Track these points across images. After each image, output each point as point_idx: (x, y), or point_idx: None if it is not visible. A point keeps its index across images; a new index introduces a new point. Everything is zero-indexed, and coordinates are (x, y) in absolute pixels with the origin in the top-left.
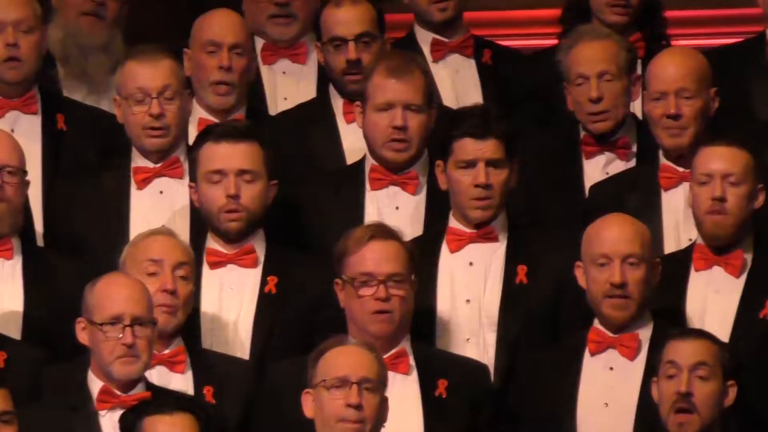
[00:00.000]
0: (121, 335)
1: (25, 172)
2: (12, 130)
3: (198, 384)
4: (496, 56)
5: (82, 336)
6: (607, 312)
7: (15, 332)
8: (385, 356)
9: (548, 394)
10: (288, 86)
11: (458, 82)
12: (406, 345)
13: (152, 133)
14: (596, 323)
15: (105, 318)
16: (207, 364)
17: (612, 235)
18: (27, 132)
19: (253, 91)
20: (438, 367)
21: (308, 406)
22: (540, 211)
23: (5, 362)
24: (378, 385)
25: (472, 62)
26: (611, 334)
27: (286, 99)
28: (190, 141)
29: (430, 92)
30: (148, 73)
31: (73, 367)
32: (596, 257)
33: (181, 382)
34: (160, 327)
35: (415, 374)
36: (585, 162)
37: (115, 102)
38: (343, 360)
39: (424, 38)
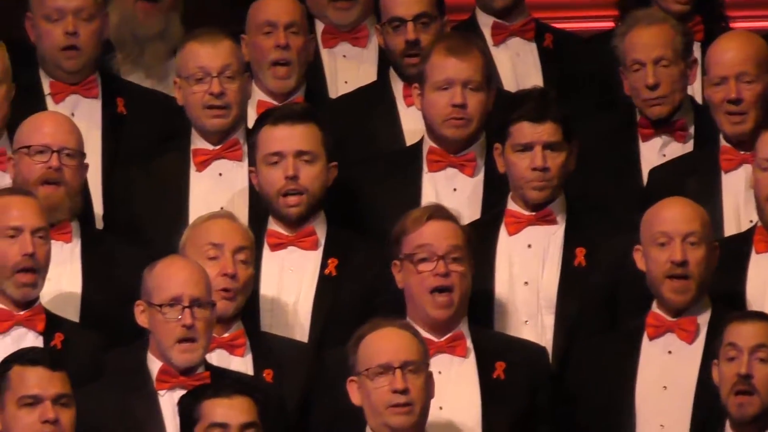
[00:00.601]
0: (180, 316)
1: (83, 155)
2: (72, 114)
3: (258, 367)
4: (557, 40)
5: (141, 318)
6: (667, 296)
7: (73, 315)
8: (442, 339)
9: (607, 378)
10: (348, 70)
11: (518, 66)
12: (463, 328)
13: (212, 112)
14: (655, 307)
15: (164, 300)
16: (267, 348)
17: (672, 214)
18: (87, 116)
19: (313, 75)
20: (496, 349)
21: (355, 394)
22: (598, 194)
23: (63, 344)
24: (420, 365)
25: (533, 46)
26: (670, 318)
27: (346, 83)
28: (250, 124)
29: (489, 72)
30: (209, 53)
31: (133, 349)
32: (657, 236)
33: (241, 365)
34: (220, 311)
35: (472, 357)
36: (642, 145)
37: (175, 84)
38: (382, 345)
39: (485, 22)
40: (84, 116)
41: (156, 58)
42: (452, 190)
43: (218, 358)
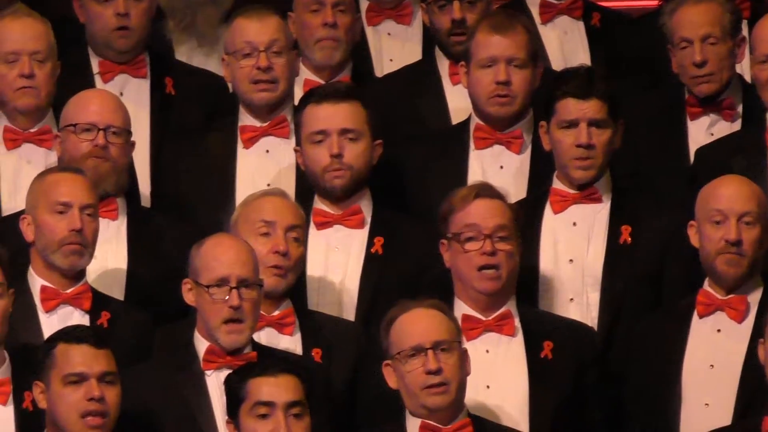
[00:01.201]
0: (227, 297)
1: (129, 133)
2: (121, 94)
3: (306, 346)
4: (605, 19)
5: (189, 297)
6: (720, 268)
7: (118, 293)
8: (490, 317)
9: (654, 356)
10: (393, 47)
11: (566, 44)
12: (511, 306)
13: (259, 86)
14: (706, 285)
15: (211, 280)
16: (316, 327)
17: (729, 192)
18: (135, 95)
19: (358, 53)
20: (544, 328)
21: (390, 378)
22: (644, 172)
23: (109, 323)
24: (452, 344)
25: (581, 24)
26: (720, 297)
27: (391, 60)
28: (296, 101)
29: (534, 49)
30: (256, 28)
31: (180, 327)
32: (712, 214)
33: (290, 344)
34: (270, 289)
35: (520, 336)
36: (689, 123)
37: (223, 62)
38: (412, 327)
39: (533, 0)
40: (132, 96)
41: (208, 24)
42: (499, 167)
43: (267, 336)
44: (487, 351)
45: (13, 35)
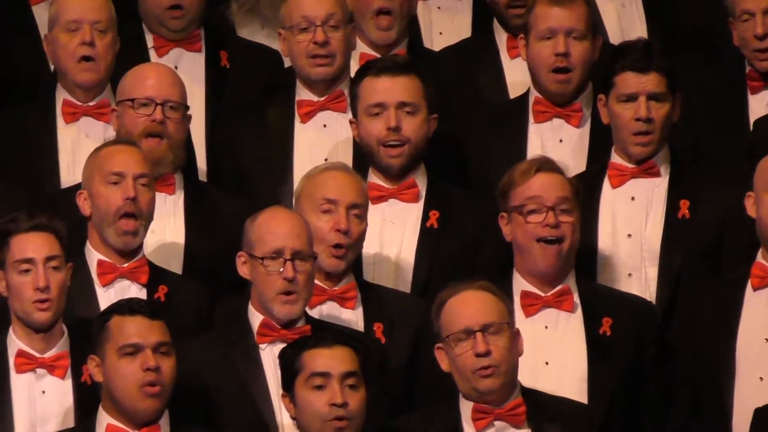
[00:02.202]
0: (281, 269)
1: (186, 107)
2: (175, 68)
3: (368, 320)
4: None
5: (243, 270)
6: None
7: (176, 267)
8: (549, 293)
9: (708, 329)
10: (443, 21)
11: (624, 17)
12: (570, 282)
13: (316, 61)
14: (759, 257)
15: (266, 252)
16: (378, 301)
17: None
18: (190, 69)
19: (410, 27)
20: (603, 304)
21: (443, 361)
22: (704, 146)
23: (166, 297)
24: (502, 326)
25: None
26: None
27: (441, 34)
28: (353, 75)
29: (593, 21)
30: (313, 2)
31: (235, 301)
32: None
33: (352, 317)
34: (332, 267)
35: (579, 312)
36: (750, 97)
37: (280, 36)
38: (462, 310)
39: None
40: (187, 70)
41: (271, 6)
42: (558, 141)
43: (329, 310)
44: (546, 327)
45: (74, 4)
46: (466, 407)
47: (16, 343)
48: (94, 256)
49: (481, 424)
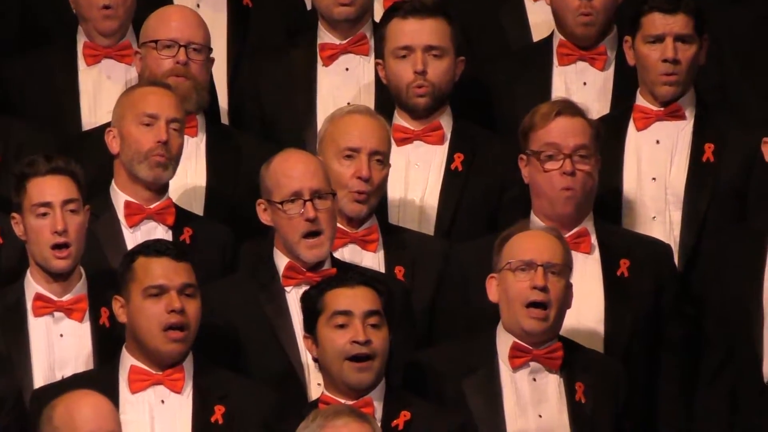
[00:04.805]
0: (302, 210)
1: (210, 50)
2: (197, 5)
3: (389, 263)
4: None
5: (264, 217)
6: None
7: (197, 209)
8: (566, 235)
9: (735, 275)
10: None
11: None
12: (588, 224)
13: (340, 0)
14: None
15: (284, 196)
16: (400, 244)
17: None
18: (212, 8)
19: None
20: (620, 246)
21: (492, 290)
22: (730, 89)
23: (191, 239)
24: (563, 269)
25: None
26: None
27: None
28: (376, 18)
29: None
30: None
31: (261, 244)
32: None
33: (372, 261)
34: (354, 213)
35: (596, 253)
36: None
37: None
38: (528, 244)
39: None
40: (209, 8)
41: None
42: (582, 84)
43: (350, 253)
44: None
45: None
46: (503, 344)
47: (33, 286)
48: (120, 197)
49: (517, 362)
